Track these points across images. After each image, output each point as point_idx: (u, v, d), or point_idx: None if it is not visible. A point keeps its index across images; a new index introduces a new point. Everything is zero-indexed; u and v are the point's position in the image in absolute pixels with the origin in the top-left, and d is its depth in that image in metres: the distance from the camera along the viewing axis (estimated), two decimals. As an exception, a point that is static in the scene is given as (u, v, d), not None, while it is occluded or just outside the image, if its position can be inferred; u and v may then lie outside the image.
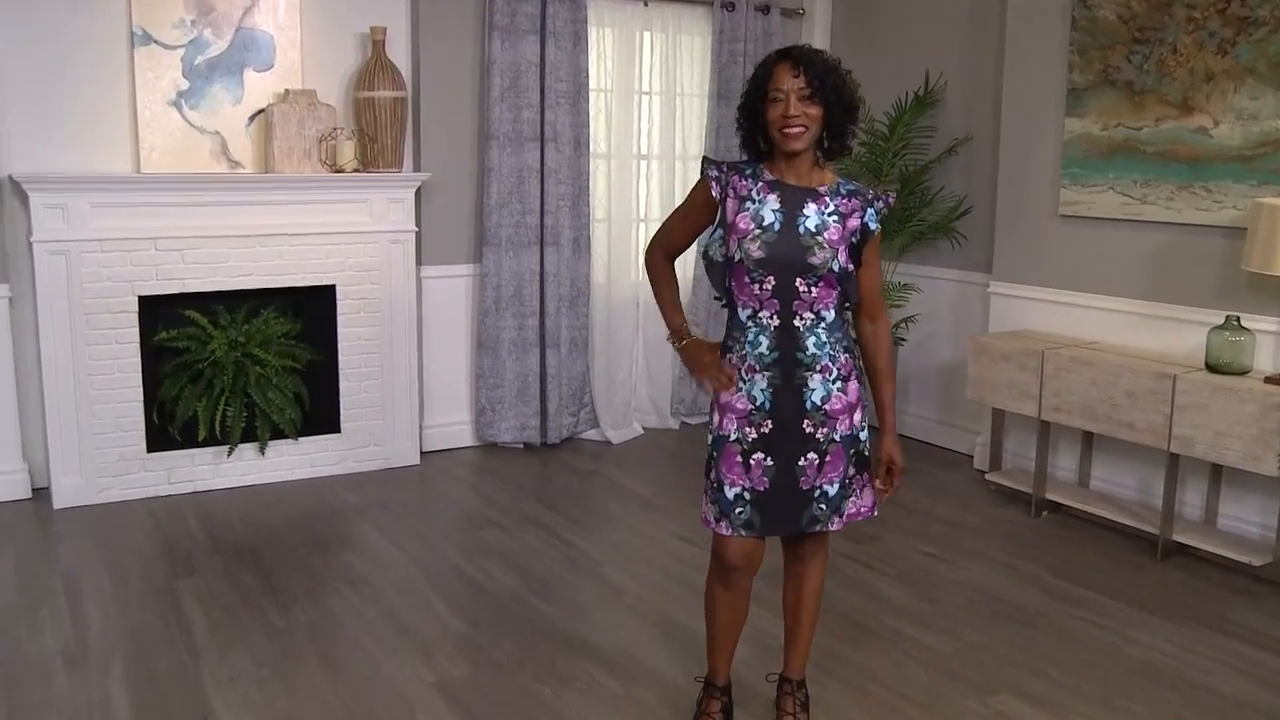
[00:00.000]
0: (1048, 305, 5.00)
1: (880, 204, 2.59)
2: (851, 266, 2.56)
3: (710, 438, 2.66)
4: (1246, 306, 4.22)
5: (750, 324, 2.57)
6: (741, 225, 2.52)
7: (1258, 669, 3.35)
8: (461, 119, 5.39)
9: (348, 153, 4.96)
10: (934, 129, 5.52)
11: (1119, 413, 4.30)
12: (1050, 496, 4.72)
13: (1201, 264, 4.40)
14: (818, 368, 2.56)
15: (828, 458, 2.60)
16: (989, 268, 5.35)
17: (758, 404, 2.57)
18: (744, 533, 2.61)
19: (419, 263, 5.33)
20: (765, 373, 2.56)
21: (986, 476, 5.05)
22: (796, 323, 2.54)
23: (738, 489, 2.59)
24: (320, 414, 5.13)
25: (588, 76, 5.53)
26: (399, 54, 5.18)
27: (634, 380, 6.06)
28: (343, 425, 5.15)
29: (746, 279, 2.52)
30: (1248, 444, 3.89)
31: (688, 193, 2.75)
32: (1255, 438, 3.87)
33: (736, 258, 2.52)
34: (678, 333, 2.70)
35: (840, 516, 2.66)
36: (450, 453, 5.54)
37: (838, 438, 2.60)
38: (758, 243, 2.49)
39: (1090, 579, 4.03)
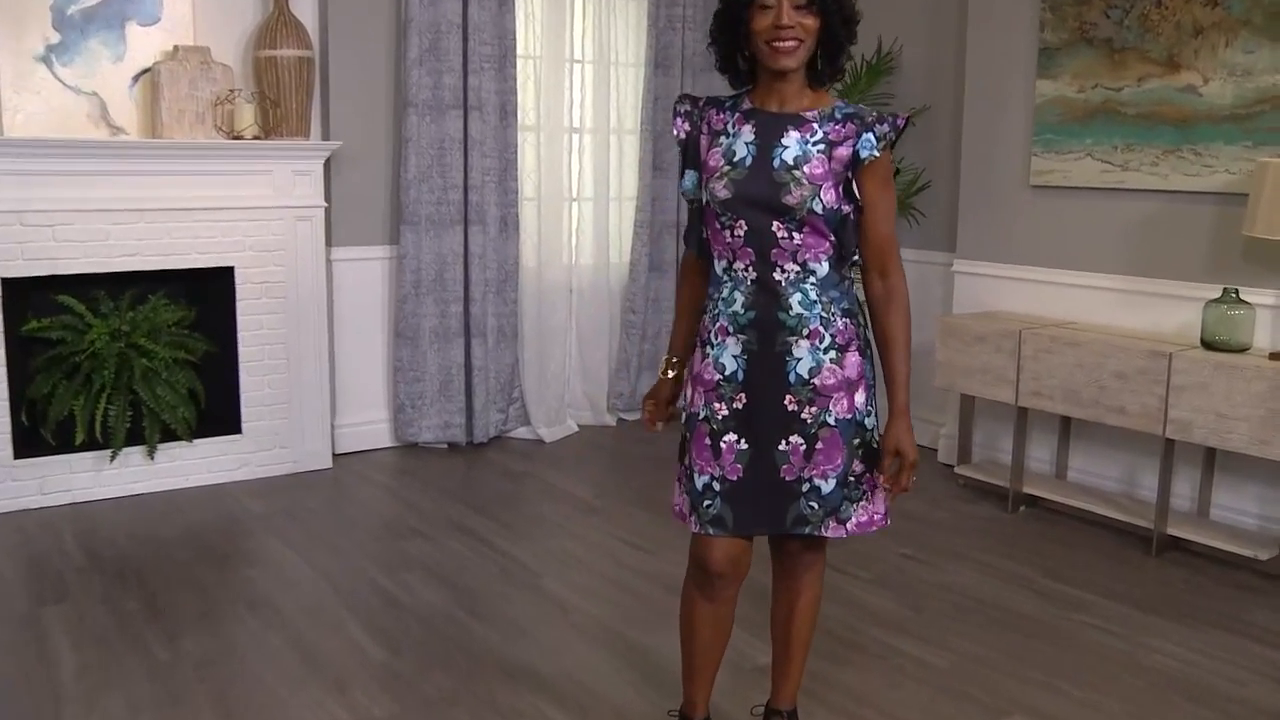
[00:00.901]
0: (1018, 284, 4.63)
1: (884, 127, 2.11)
2: (846, 208, 2.12)
3: (684, 416, 2.28)
4: (1242, 279, 3.89)
5: (725, 278, 2.19)
6: (712, 162, 2.16)
7: (1288, 677, 2.99)
8: (375, 83, 4.85)
9: (246, 117, 4.39)
10: (891, 96, 5.12)
11: (1107, 396, 3.93)
12: (1027, 490, 4.35)
13: (1191, 234, 4.06)
14: (805, 332, 2.13)
15: (818, 445, 2.15)
16: (951, 246, 4.98)
17: (728, 373, 2.16)
18: (712, 530, 2.19)
19: (329, 243, 4.77)
20: (739, 336, 2.15)
21: (955, 470, 4.67)
22: (777, 276, 2.13)
23: (706, 477, 2.18)
24: (218, 413, 4.55)
25: (515, 39, 5.04)
26: (304, 9, 4.63)
27: (567, 373, 5.57)
28: (244, 425, 4.57)
29: (717, 225, 2.16)
30: (1255, 426, 3.55)
31: None
32: (1264, 419, 3.52)
33: (705, 200, 2.17)
34: (668, 362, 2.41)
35: (842, 522, 2.20)
36: (366, 455, 4.99)
37: (831, 421, 2.15)
38: (724, 181, 2.12)
39: (1085, 579, 3.66)
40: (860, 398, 2.19)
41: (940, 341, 4.53)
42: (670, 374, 2.37)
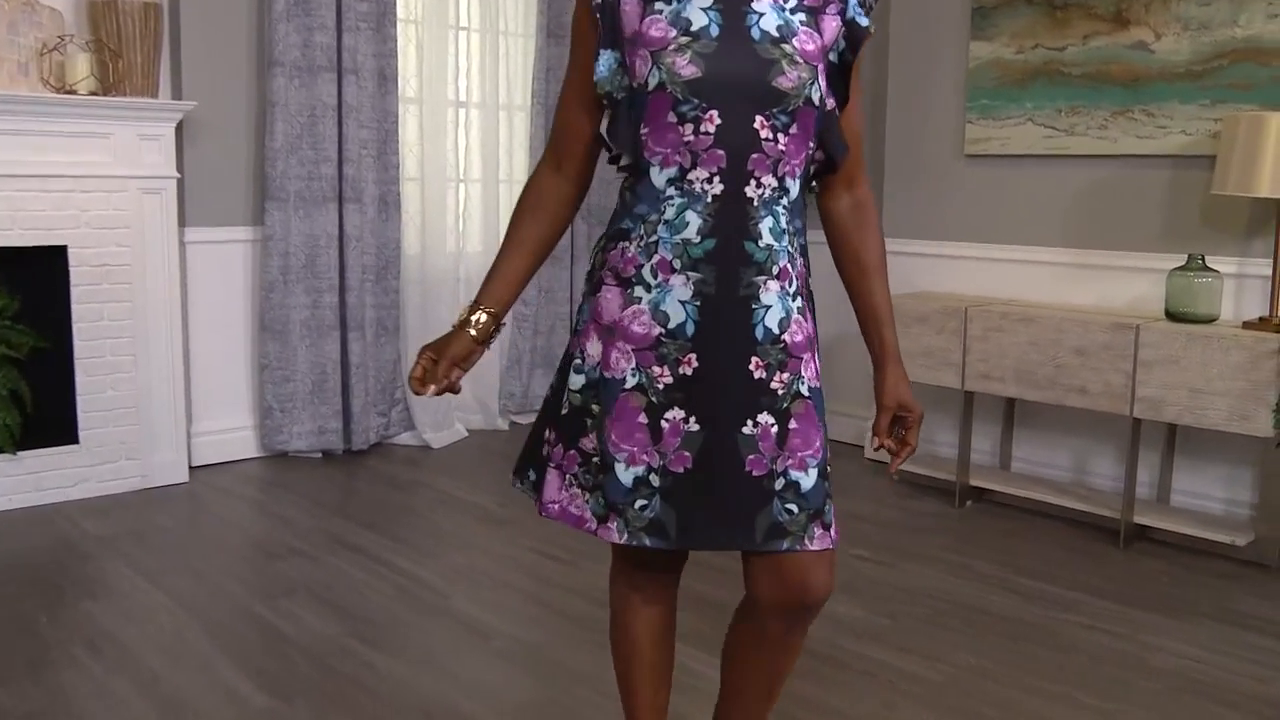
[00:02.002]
0: (954, 262, 4.31)
1: None
2: (830, 101, 1.64)
3: (580, 380, 1.64)
4: (1201, 247, 3.63)
5: (672, 192, 1.58)
6: (654, 33, 1.56)
7: (1308, 672, 2.68)
8: (235, 38, 4.23)
9: (81, 69, 3.72)
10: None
11: (1066, 375, 3.61)
12: (973, 483, 4.00)
13: (1144, 201, 3.79)
14: (774, 270, 1.59)
15: (792, 423, 1.59)
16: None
17: (673, 325, 1.58)
18: (649, 540, 1.59)
19: (182, 223, 4.12)
20: (690, 274, 1.57)
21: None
22: (750, 192, 1.58)
23: (640, 468, 1.59)
24: (50, 419, 3.83)
25: (394, -4, 4.49)
26: (148, -51, 3.98)
27: (456, 373, 5.00)
28: (81, 434, 3.87)
29: (671, 118, 1.55)
30: (1234, 401, 3.27)
31: (570, 41, 1.70)
32: (1244, 392, 3.24)
33: (652, 84, 1.55)
34: (474, 307, 1.67)
35: (827, 527, 1.60)
36: (228, 467, 4.33)
37: (805, 390, 1.60)
38: (687, 55, 1.54)
39: (1060, 576, 3.31)
40: (818, 363, 1.66)
41: (873, 325, 4.15)
42: (474, 328, 1.65)
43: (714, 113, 1.55)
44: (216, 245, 4.27)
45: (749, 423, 1.57)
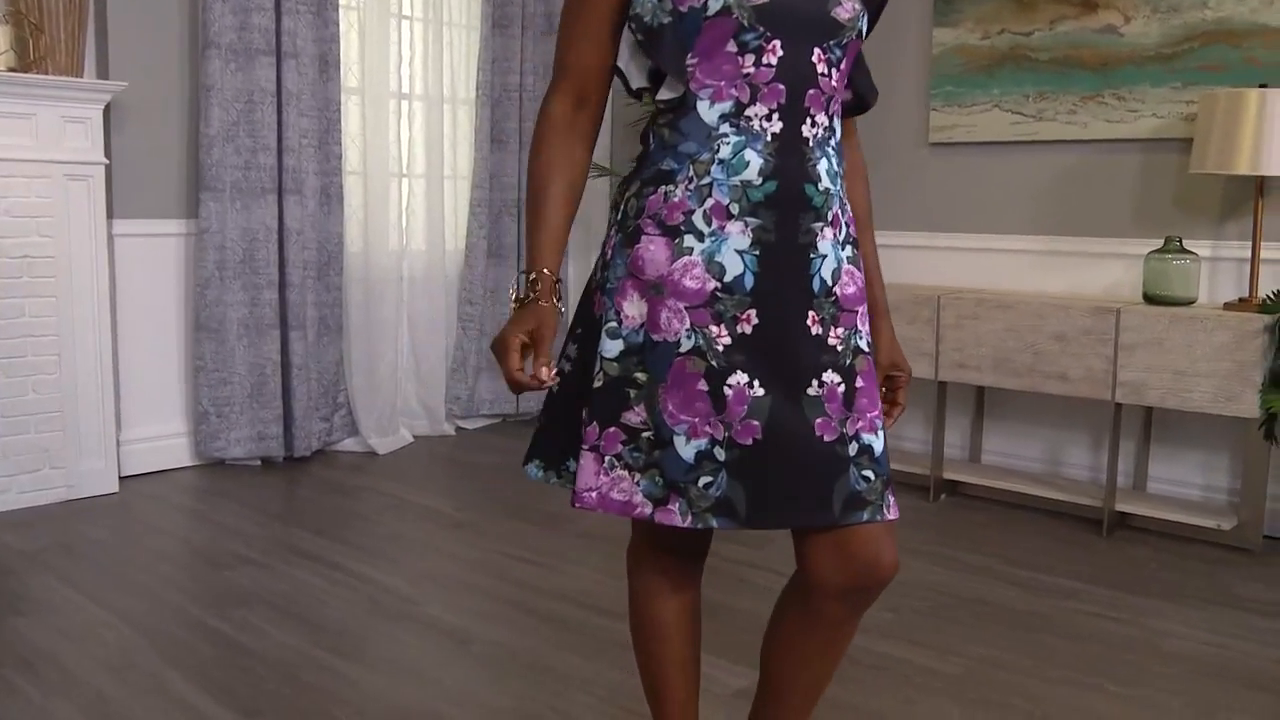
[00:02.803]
0: (918, 253, 4.23)
1: None
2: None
3: (618, 345, 1.45)
4: (1173, 231, 3.60)
5: (726, 129, 1.43)
6: None
7: (1319, 653, 2.62)
8: (167, 16, 3.96)
9: (-3, 44, 3.44)
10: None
11: (1046, 362, 3.54)
12: (945, 476, 3.91)
13: (1115, 186, 3.75)
14: (829, 216, 1.46)
15: (858, 381, 1.46)
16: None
17: (730, 278, 1.42)
18: (716, 521, 1.41)
19: (110, 214, 3.84)
20: (749, 220, 1.42)
21: (860, 460, 4.18)
22: (806, 131, 1.44)
23: (702, 442, 1.41)
24: (-38, 426, 3.52)
25: (336, -23, 4.27)
26: (71, -80, 3.71)
27: (399, 375, 4.78)
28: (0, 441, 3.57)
29: (732, 46, 1.41)
30: (1219, 382, 3.22)
31: None
32: (1230, 373, 3.20)
33: (714, 9, 1.39)
34: (535, 280, 1.44)
35: (893, 495, 1.46)
36: (161, 476, 4.04)
37: (864, 346, 1.49)
38: None
39: (1049, 565, 3.22)
40: (860, 315, 1.51)
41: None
42: (552, 298, 1.44)
43: (777, 43, 1.41)
44: (147, 238, 3.99)
45: (814, 383, 1.43)
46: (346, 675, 2.41)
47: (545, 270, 1.43)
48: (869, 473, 1.43)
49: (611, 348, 1.45)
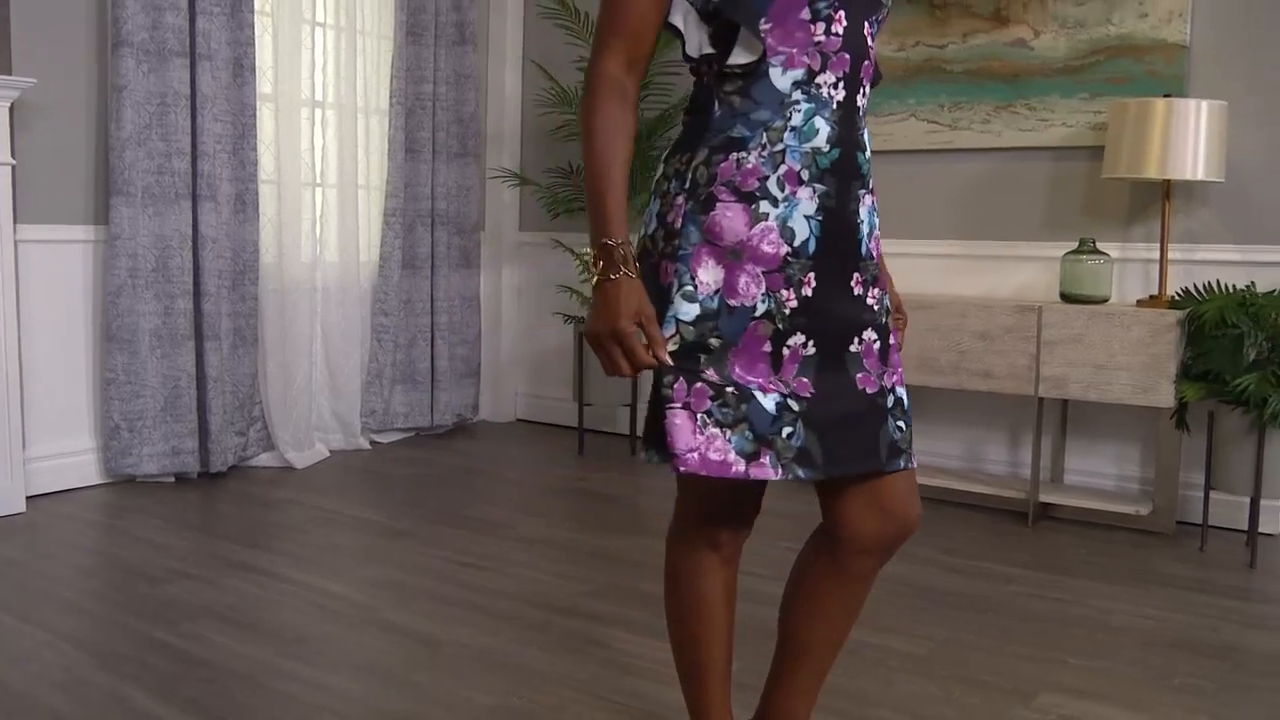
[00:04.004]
0: (838, 258, 4.33)
1: None
2: None
3: (696, 310, 1.45)
4: (1083, 234, 3.79)
5: (799, 96, 1.46)
6: None
7: (1247, 617, 2.78)
8: (74, 12, 3.80)
9: (-103, 37, 3.24)
10: (682, 65, 4.72)
11: (970, 360, 3.67)
12: (873, 474, 4.01)
13: (1027, 192, 3.92)
14: (869, 184, 1.55)
15: (892, 338, 1.56)
16: (751, 227, 4.62)
17: (798, 243, 1.47)
18: (802, 472, 1.46)
19: (15, 219, 3.64)
20: (816, 186, 1.47)
21: (787, 462, 4.26)
22: (859, 100, 1.52)
23: (776, 395, 1.47)
24: None
25: (250, -22, 4.16)
26: (-28, -89, 3.54)
27: (313, 388, 4.66)
28: (-103, 459, 3.34)
29: (805, 14, 1.43)
30: (1136, 375, 3.40)
31: None
32: (1146, 366, 3.38)
33: None
34: (612, 251, 1.41)
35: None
36: (69, 495, 3.84)
37: (889, 305, 1.59)
38: None
39: (986, 554, 3.34)
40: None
41: (765, 322, 4.13)
42: (634, 267, 1.43)
43: (842, 13, 1.46)
44: (54, 245, 3.80)
45: (855, 340, 1.52)
46: (316, 681, 2.34)
47: (620, 243, 1.42)
48: (901, 423, 1.54)
49: (688, 311, 1.46)
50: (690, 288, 1.46)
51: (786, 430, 1.47)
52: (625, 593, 2.94)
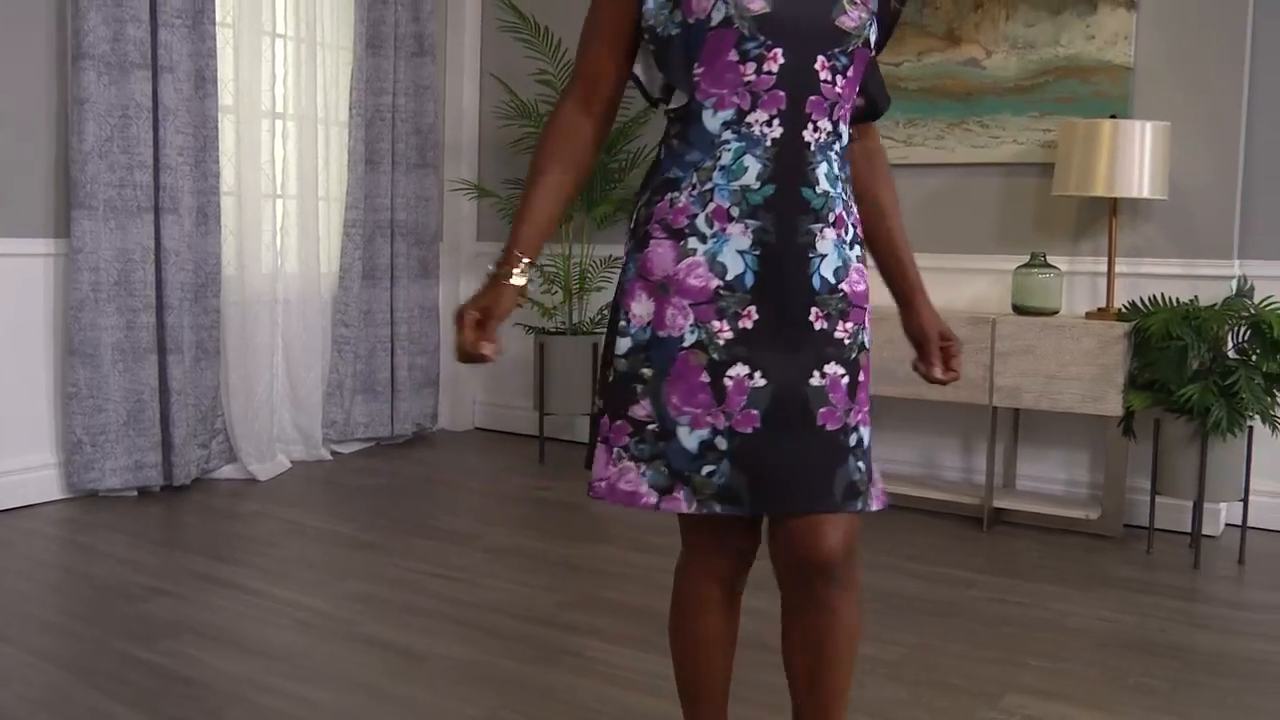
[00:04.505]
0: (796, 270, 4.44)
1: None
2: (871, 50, 1.62)
3: (627, 343, 1.55)
4: (1033, 248, 3.93)
5: (729, 136, 1.52)
6: None
7: (1193, 617, 2.92)
8: (34, 25, 3.78)
9: None
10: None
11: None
12: (833, 481, 4.12)
13: (979, 206, 4.05)
14: (830, 218, 1.55)
15: (861, 376, 1.57)
16: (710, 238, 4.71)
17: (731, 277, 1.51)
18: (720, 507, 1.52)
19: (-27, 232, 3.62)
20: (749, 221, 1.51)
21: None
22: (807, 135, 1.53)
23: (705, 431, 1.51)
24: None
25: (212, -9, 4.16)
26: (-69, -78, 3.51)
27: (275, 400, 4.65)
28: None
29: (733, 55, 1.50)
30: (1087, 384, 3.53)
31: None
32: (1097, 376, 3.52)
33: (716, 19, 1.49)
34: (507, 255, 1.55)
35: (877, 485, 1.60)
36: (31, 510, 3.81)
37: (866, 342, 1.61)
38: None
39: (944, 559, 3.46)
40: (869, 312, 1.63)
41: (726, 332, 4.21)
42: (518, 279, 1.54)
43: (778, 51, 1.50)
44: (14, 259, 3.77)
45: (815, 374, 1.53)
46: (305, 698, 2.38)
47: (516, 252, 1.54)
48: (861, 464, 1.56)
49: (621, 345, 1.55)
50: (624, 322, 1.56)
51: (707, 468, 1.51)
52: (597, 603, 3.00)
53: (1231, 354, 3.42)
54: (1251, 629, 2.88)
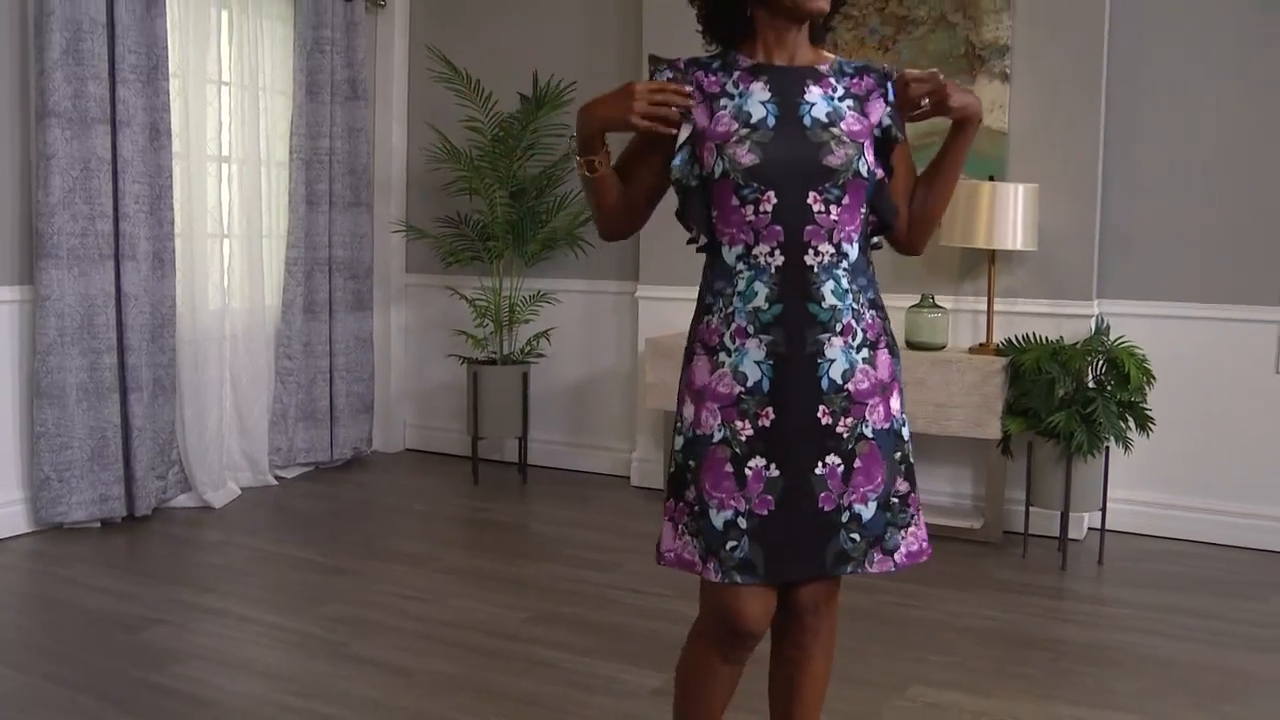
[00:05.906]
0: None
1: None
2: (879, 172, 1.89)
3: (680, 441, 1.90)
4: (923, 289, 4.43)
5: (741, 267, 1.84)
6: (720, 129, 1.83)
7: (1062, 613, 3.46)
8: (1, 84, 3.98)
9: None
10: (566, 126, 5.18)
11: (833, 399, 4.28)
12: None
13: (877, 254, 4.54)
14: (838, 328, 1.84)
15: (857, 462, 1.85)
16: (627, 274, 5.14)
17: (751, 384, 1.83)
18: (741, 578, 1.82)
19: (-54, 283, 3.82)
20: (762, 337, 1.82)
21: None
22: (809, 260, 1.82)
23: (729, 513, 1.83)
24: None
25: (166, 48, 4.39)
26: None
27: (224, 430, 4.91)
28: None
29: (734, 201, 1.82)
30: (970, 412, 4.07)
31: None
32: (978, 405, 4.05)
33: (718, 173, 1.82)
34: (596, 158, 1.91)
35: (889, 553, 1.90)
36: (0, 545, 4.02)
37: (869, 433, 1.86)
38: (746, 145, 1.81)
39: (852, 567, 3.94)
40: (895, 403, 1.91)
41: (649, 363, 4.64)
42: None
43: (770, 193, 1.80)
44: (-15, 307, 3.98)
45: (819, 464, 1.84)
46: (317, 712, 2.71)
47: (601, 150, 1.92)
48: (855, 535, 1.86)
49: (677, 443, 1.92)
50: (679, 424, 1.93)
51: (730, 544, 1.82)
52: (558, 618, 3.38)
53: (1091, 385, 3.98)
54: (1112, 622, 3.43)
